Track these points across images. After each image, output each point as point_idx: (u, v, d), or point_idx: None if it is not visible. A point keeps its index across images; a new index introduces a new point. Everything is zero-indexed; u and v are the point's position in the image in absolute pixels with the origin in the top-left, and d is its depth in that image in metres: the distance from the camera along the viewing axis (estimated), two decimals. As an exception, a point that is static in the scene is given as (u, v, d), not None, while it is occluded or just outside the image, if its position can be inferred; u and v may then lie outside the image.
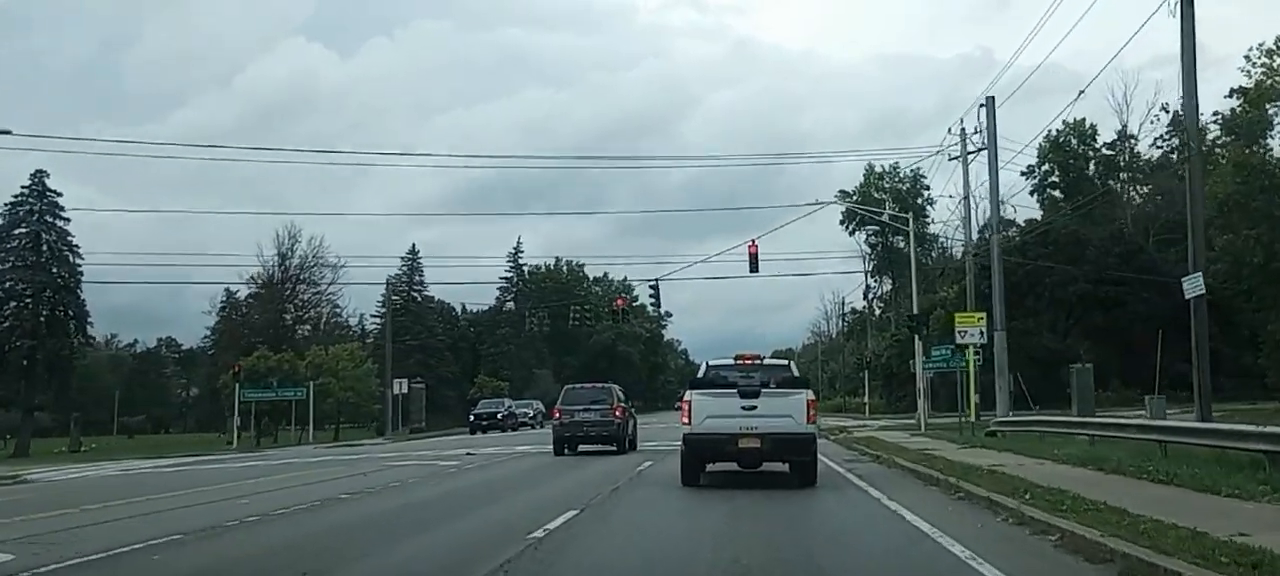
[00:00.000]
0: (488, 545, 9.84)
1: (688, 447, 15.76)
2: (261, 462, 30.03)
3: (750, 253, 37.86)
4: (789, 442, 15.35)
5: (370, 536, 10.98)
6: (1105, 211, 74.44)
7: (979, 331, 25.73)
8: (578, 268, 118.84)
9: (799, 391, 15.75)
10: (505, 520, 12.04)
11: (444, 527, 11.72)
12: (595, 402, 26.72)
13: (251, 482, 19.91)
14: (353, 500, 15.27)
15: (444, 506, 14.05)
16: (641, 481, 17.33)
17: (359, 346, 68.91)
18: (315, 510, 13.99)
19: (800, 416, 15.38)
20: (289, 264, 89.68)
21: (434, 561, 9.42)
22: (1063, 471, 15.71)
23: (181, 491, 18.37)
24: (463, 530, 11.49)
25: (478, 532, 11.15)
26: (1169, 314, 66.72)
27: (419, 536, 10.88)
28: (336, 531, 11.70)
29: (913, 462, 19.03)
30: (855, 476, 17.62)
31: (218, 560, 9.82)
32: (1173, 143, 79.02)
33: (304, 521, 12.82)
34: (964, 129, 48.53)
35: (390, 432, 59.66)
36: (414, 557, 9.50)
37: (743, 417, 15.34)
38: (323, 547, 10.23)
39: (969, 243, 51.10)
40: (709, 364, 17.87)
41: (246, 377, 53.65)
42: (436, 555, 9.70)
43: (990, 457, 19.17)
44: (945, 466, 17.02)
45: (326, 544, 10.58)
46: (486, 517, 12.68)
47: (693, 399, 15.67)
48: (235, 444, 48.44)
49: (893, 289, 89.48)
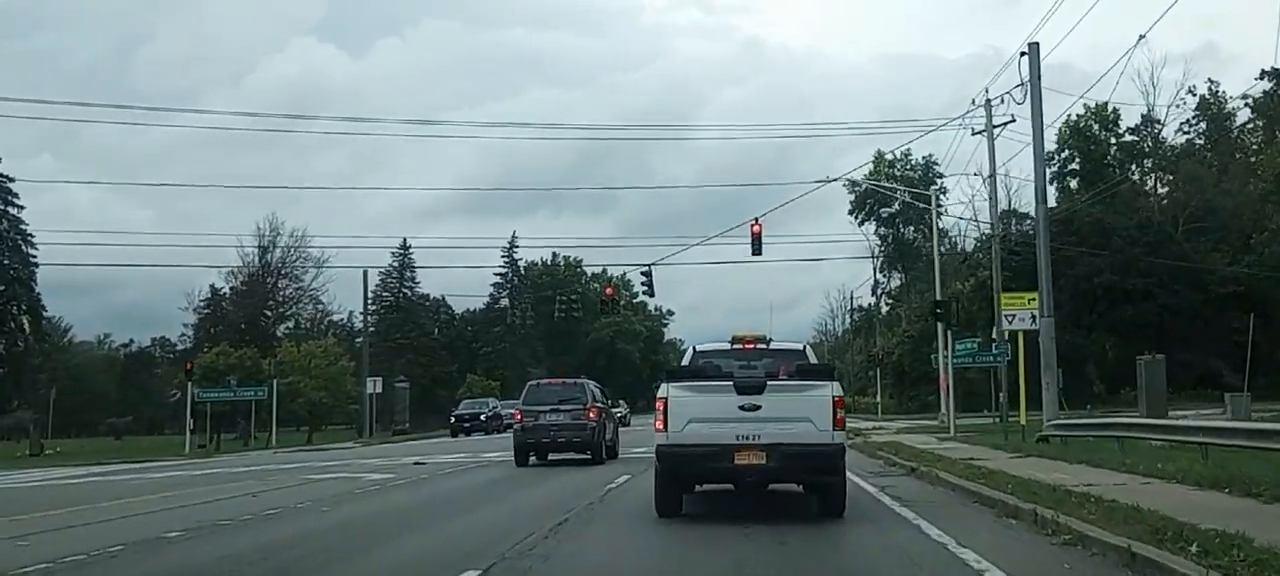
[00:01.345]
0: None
1: (663, 465, 11.36)
2: (179, 472, 25.79)
3: (753, 233, 33.53)
4: (807, 457, 10.93)
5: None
6: (1128, 200, 70.22)
7: (1030, 315, 21.28)
8: (575, 263, 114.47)
9: (821, 385, 11.18)
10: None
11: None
12: (565, 402, 22.09)
13: (105, 506, 15.43)
14: (169, 545, 10.62)
15: (293, 555, 9.47)
16: (605, 509, 12.89)
17: (334, 343, 64.25)
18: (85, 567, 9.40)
19: (823, 420, 10.92)
20: (270, 258, 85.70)
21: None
22: (1183, 495, 11.35)
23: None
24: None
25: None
26: (1202, 306, 63.18)
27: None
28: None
29: (963, 478, 14.64)
30: (892, 499, 13.21)
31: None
32: (1200, 127, 75.04)
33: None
34: (989, 100, 44.31)
35: (367, 435, 55.48)
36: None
37: (741, 422, 10.92)
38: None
39: (995, 223, 46.71)
40: (697, 349, 13.49)
41: (203, 376, 49.17)
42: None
43: (1062, 472, 14.82)
44: (1016, 487, 12.62)
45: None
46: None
47: (670, 396, 11.12)
48: (187, 449, 43.95)
49: (904, 284, 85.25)
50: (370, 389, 54.37)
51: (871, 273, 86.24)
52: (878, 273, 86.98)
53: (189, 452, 43.20)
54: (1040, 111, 25.98)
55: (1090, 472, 14.63)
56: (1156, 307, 62.21)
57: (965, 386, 47.76)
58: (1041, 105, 25.98)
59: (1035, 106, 25.96)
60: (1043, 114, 26.08)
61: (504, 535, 10.12)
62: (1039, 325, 22.13)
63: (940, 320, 31.69)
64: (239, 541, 10.56)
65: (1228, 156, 73.53)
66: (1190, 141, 75.34)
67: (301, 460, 30.86)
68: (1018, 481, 13.21)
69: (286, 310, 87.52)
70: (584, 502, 13.19)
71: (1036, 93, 26.02)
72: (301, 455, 36.24)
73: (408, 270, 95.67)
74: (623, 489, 15.11)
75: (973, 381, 51.06)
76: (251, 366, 51.89)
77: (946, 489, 14.45)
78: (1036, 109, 26.01)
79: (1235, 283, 62.02)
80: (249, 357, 52.85)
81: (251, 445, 48.18)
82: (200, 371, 50.23)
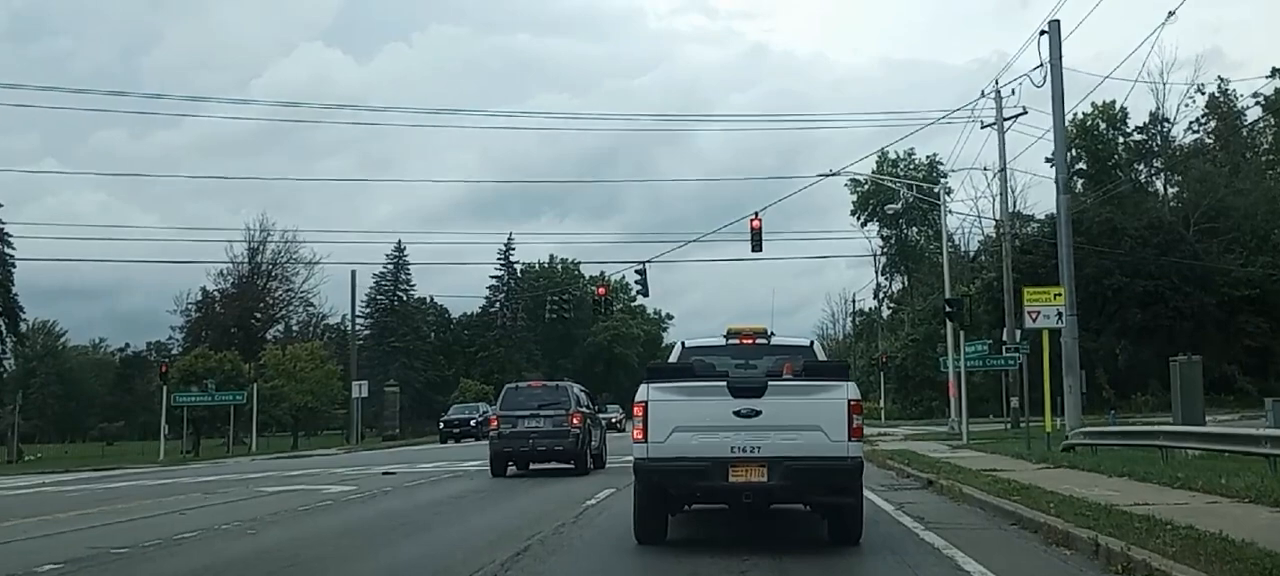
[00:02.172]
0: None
1: (643, 483, 9.47)
2: (132, 482, 23.92)
3: (753, 227, 31.70)
4: (817, 472, 9.03)
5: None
6: (1136, 201, 68.49)
7: (1056, 312, 19.38)
8: (573, 266, 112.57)
9: (833, 386, 9.27)
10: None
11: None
12: (546, 407, 20.09)
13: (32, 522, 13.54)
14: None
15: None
16: (577, 532, 10.98)
17: (321, 345, 62.33)
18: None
19: (836, 428, 8.99)
20: (260, 259, 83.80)
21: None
22: (1270, 519, 9.45)
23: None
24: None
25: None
26: (1214, 310, 61.34)
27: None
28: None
29: (993, 494, 12.76)
30: (913, 520, 11.33)
31: None
32: (1209, 126, 73.26)
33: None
34: (998, 92, 42.58)
35: (354, 441, 53.69)
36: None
37: (738, 430, 9.03)
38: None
39: (1006, 219, 44.97)
40: (686, 344, 11.60)
41: (181, 380, 47.23)
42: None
43: (1105, 487, 12.99)
44: (1060, 507, 10.77)
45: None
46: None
47: (650, 399, 9.21)
48: (161, 455, 42.01)
49: (907, 287, 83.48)
50: (356, 393, 52.44)
51: (873, 276, 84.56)
52: (880, 275, 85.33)
53: (163, 459, 41.33)
54: (1061, 94, 24.21)
55: (1138, 488, 12.77)
56: (1169, 310, 60.37)
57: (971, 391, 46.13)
58: (1063, 87, 24.22)
59: (1056, 88, 24.19)
60: (1064, 97, 24.33)
61: (443, 571, 8.19)
62: (1064, 323, 20.25)
63: (951, 319, 29.79)
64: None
65: (1239, 156, 71.86)
66: (1199, 140, 73.61)
67: (273, 468, 29.03)
68: (1060, 499, 11.33)
69: (277, 313, 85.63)
70: (553, 525, 11.28)
71: (1057, 74, 24.26)
72: (279, 463, 34.45)
73: (403, 273, 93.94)
74: (602, 506, 13.21)
75: (978, 385, 49.33)
76: (231, 370, 49.89)
77: (974, 507, 12.56)
78: (1057, 91, 24.24)
79: (1249, 285, 60.22)
80: (229, 360, 50.87)
81: (233, 451, 46.41)
82: (178, 374, 48.32)
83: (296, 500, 15.69)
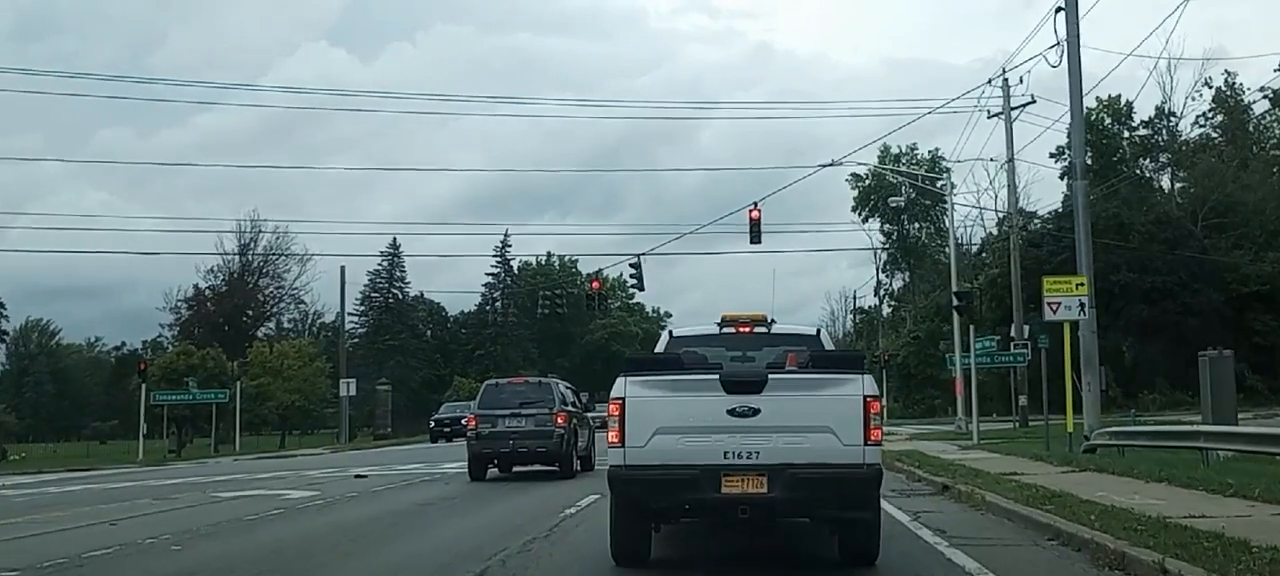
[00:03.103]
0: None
1: (619, 495, 8.01)
2: (94, 486, 22.51)
3: (752, 218, 30.30)
4: (827, 483, 7.55)
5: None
6: (1142, 196, 67.21)
7: (1078, 303, 17.93)
8: (571, 264, 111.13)
9: (846, 379, 7.77)
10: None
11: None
12: (527, 405, 18.61)
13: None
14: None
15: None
16: (548, 550, 9.49)
17: (309, 343, 60.87)
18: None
19: (850, 430, 7.49)
20: (251, 255, 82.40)
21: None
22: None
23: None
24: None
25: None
26: (1223, 306, 59.96)
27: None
28: None
29: (1020, 502, 11.35)
30: (934, 533, 9.92)
31: None
32: (1216, 121, 71.93)
33: None
34: (1006, 79, 41.19)
35: (342, 441, 52.35)
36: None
37: (732, 432, 7.58)
38: None
39: (1013, 212, 43.60)
40: (673, 333, 10.16)
41: (162, 378, 45.74)
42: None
43: (1147, 494, 11.58)
44: (1104, 519, 9.36)
45: None
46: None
47: (629, 396, 7.73)
48: (140, 455, 40.54)
49: (908, 284, 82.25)
50: (344, 391, 51.00)
51: (874, 273, 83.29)
52: (881, 272, 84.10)
53: (142, 459, 39.90)
54: (1079, 73, 22.73)
55: (1185, 496, 11.34)
56: (1176, 307, 58.98)
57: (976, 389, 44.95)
58: (1080, 66, 22.73)
59: (1073, 67, 22.72)
60: (1081, 76, 22.84)
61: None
62: (1086, 315, 18.81)
63: (961, 312, 28.39)
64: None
65: (1246, 150, 70.59)
66: (1205, 135, 72.34)
67: (247, 471, 27.64)
68: (1102, 510, 9.91)
69: (268, 309, 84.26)
70: (522, 540, 9.82)
71: (1075, 52, 22.78)
72: (258, 464, 33.10)
73: (398, 270, 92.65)
74: (582, 516, 11.76)
75: (983, 383, 47.90)
76: (214, 367, 48.39)
77: (1001, 517, 11.13)
78: (1075, 70, 22.76)
79: (1259, 281, 58.91)
80: (212, 358, 49.36)
81: (220, 451, 45.05)
82: (159, 372, 46.84)
83: (248, 508, 14.24)
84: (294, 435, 64.99)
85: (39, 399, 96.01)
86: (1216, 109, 70.96)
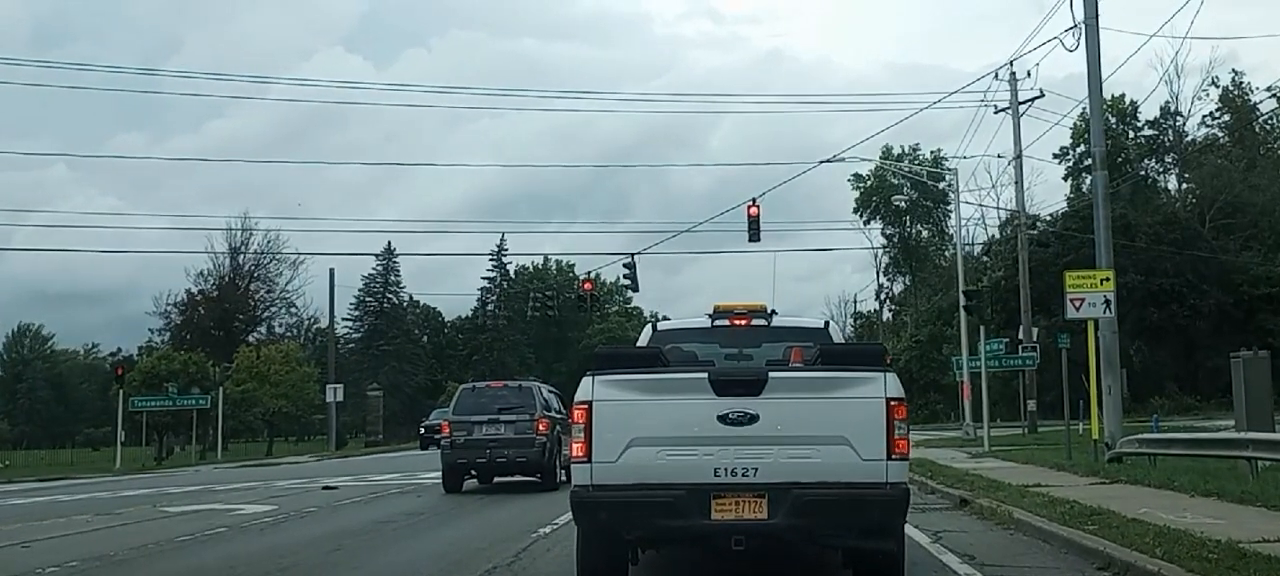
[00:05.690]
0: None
1: (586, 521, 6.65)
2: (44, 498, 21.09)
3: (750, 215, 29.00)
4: (841, 506, 6.18)
5: None
6: (1148, 197, 66.04)
7: (1102, 299, 16.55)
8: (568, 267, 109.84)
9: (864, 378, 6.38)
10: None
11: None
12: (507, 411, 17.25)
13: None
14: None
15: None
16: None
17: (298, 347, 59.45)
18: None
19: (870, 441, 6.14)
20: (242, 258, 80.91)
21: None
22: None
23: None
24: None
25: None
26: (1232, 309, 58.60)
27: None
28: None
29: (1056, 521, 9.97)
30: (959, 558, 8.64)
31: None
32: (1223, 120, 70.74)
33: None
34: (1013, 73, 39.89)
35: (330, 447, 50.97)
36: None
37: (724, 444, 6.19)
38: None
39: (1022, 209, 42.24)
40: (656, 326, 8.78)
41: (142, 383, 44.32)
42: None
43: (1196, 510, 10.28)
44: (1167, 545, 7.98)
45: None
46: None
47: (597, 399, 6.36)
48: (118, 463, 39.13)
49: (909, 287, 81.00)
50: (331, 397, 49.58)
51: (875, 276, 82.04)
52: (882, 276, 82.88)
53: (119, 468, 38.51)
54: (1097, 55, 21.46)
55: (1243, 514, 9.97)
56: (1185, 309, 57.69)
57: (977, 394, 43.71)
58: (1099, 49, 21.48)
59: (1092, 49, 21.41)
60: (1100, 61, 21.55)
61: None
62: (1111, 312, 17.41)
63: (970, 312, 27.05)
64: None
65: (1254, 151, 69.43)
66: (1212, 136, 71.15)
67: (218, 480, 26.26)
68: (1157, 531, 8.53)
69: (260, 314, 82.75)
70: (483, 568, 8.41)
71: (1094, 35, 21.48)
72: (237, 472, 31.79)
73: (393, 274, 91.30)
74: (556, 538, 10.36)
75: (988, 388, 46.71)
76: (196, 372, 46.95)
77: (1033, 538, 9.75)
78: (1093, 54, 21.49)
79: (1268, 283, 57.67)
80: (194, 362, 47.93)
81: (205, 458, 43.70)
82: (139, 377, 45.41)
83: (192, 525, 12.83)
84: (287, 441, 63.67)
85: (34, 405, 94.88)
86: (1223, 109, 69.82)
